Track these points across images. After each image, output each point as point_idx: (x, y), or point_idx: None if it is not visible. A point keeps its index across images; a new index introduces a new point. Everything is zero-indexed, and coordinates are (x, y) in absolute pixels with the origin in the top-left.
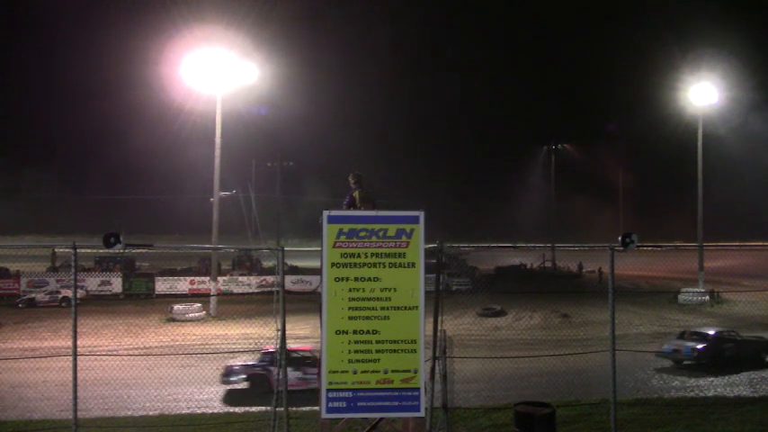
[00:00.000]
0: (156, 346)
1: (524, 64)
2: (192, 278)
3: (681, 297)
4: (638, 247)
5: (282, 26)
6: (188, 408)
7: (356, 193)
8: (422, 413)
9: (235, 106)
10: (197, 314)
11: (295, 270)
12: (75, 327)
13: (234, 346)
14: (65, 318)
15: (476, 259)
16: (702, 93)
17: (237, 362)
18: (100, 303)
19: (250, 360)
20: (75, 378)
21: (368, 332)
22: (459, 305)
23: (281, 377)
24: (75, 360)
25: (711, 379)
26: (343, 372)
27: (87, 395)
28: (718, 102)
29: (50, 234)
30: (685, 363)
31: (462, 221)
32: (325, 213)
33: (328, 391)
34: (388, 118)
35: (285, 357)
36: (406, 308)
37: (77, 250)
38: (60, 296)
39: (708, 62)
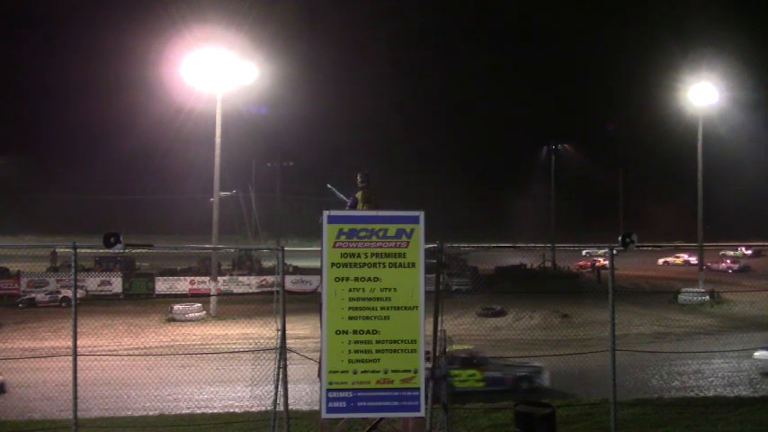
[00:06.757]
0: (156, 346)
1: (524, 64)
2: (192, 278)
3: (681, 297)
4: (638, 247)
5: (282, 26)
6: (188, 408)
7: (359, 194)
8: (422, 413)
9: (235, 106)
10: (197, 314)
11: (295, 270)
12: (75, 327)
13: (234, 346)
14: (65, 318)
15: (476, 259)
16: (702, 93)
17: None
18: (100, 303)
19: None
20: (75, 378)
21: (368, 332)
22: (459, 305)
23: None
24: (75, 360)
25: (711, 379)
26: (343, 372)
27: (87, 395)
28: (718, 102)
29: (50, 234)
30: None
31: (462, 221)
32: (326, 213)
33: (328, 391)
34: (387, 118)
35: (284, 358)
36: (406, 308)
37: (77, 250)
38: (60, 296)
39: (708, 62)
